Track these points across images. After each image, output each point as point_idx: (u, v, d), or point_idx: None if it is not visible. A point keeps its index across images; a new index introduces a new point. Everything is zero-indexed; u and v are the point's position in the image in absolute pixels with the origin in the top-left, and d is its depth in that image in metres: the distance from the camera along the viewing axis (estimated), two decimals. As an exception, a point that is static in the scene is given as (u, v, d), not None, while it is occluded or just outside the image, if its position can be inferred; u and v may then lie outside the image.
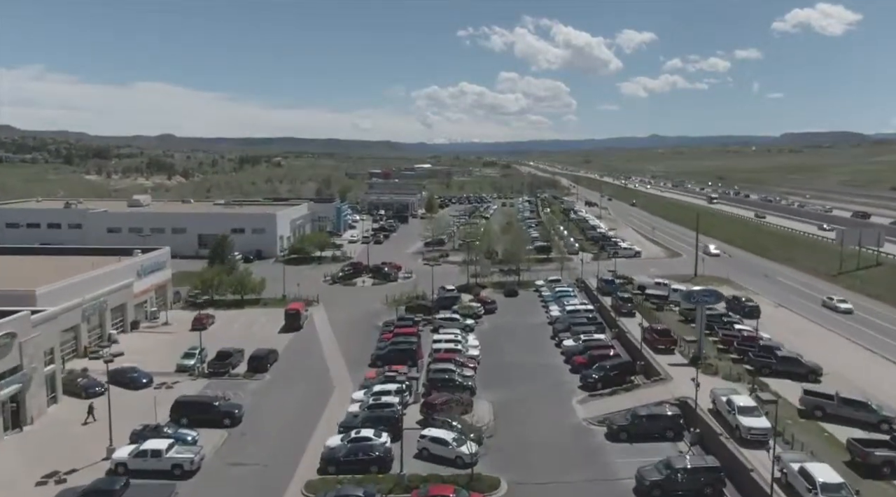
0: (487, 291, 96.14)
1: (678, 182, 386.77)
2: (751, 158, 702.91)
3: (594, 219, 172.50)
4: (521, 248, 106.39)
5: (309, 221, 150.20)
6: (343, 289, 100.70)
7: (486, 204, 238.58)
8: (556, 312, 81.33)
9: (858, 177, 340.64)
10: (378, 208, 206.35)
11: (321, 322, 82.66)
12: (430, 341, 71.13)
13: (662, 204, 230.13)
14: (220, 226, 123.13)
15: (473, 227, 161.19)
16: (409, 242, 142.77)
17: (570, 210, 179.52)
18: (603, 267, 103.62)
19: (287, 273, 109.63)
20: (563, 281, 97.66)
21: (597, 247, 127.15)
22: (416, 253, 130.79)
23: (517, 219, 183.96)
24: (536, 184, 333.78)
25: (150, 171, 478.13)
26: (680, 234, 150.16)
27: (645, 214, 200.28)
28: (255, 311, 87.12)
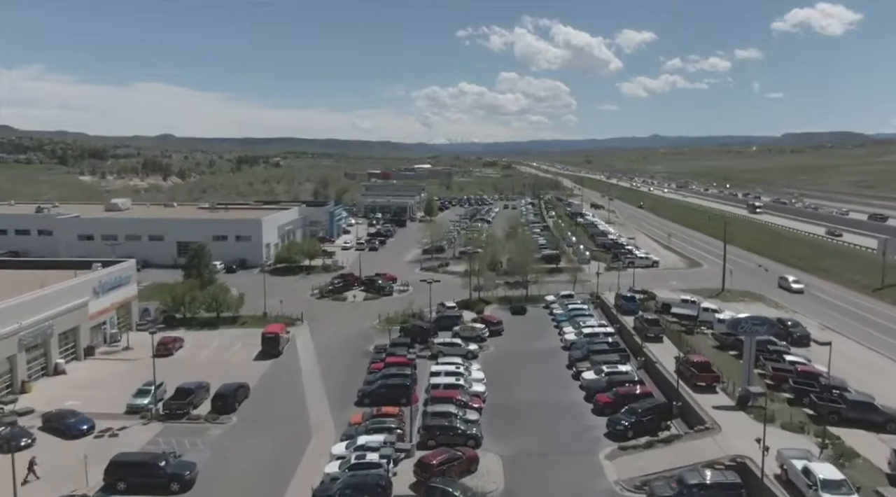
0: (492, 308, 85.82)
1: (682, 183, 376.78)
2: (752, 158, 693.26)
3: (603, 223, 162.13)
4: (529, 258, 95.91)
5: (300, 227, 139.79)
6: (332, 304, 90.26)
7: (488, 206, 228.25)
8: (572, 335, 70.88)
9: (869, 177, 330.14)
10: (375, 211, 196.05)
11: (304, 346, 72.27)
12: (428, 371, 60.96)
13: (672, 206, 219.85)
14: (201, 233, 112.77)
15: (475, 231, 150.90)
16: (407, 249, 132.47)
17: (578, 214, 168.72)
18: (618, 279, 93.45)
19: (272, 285, 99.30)
20: (576, 296, 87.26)
21: (609, 255, 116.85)
22: (414, 262, 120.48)
23: (521, 223, 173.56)
24: (539, 185, 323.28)
25: (146, 171, 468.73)
26: (698, 241, 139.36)
27: (655, 218, 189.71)
28: (230, 333, 76.71)
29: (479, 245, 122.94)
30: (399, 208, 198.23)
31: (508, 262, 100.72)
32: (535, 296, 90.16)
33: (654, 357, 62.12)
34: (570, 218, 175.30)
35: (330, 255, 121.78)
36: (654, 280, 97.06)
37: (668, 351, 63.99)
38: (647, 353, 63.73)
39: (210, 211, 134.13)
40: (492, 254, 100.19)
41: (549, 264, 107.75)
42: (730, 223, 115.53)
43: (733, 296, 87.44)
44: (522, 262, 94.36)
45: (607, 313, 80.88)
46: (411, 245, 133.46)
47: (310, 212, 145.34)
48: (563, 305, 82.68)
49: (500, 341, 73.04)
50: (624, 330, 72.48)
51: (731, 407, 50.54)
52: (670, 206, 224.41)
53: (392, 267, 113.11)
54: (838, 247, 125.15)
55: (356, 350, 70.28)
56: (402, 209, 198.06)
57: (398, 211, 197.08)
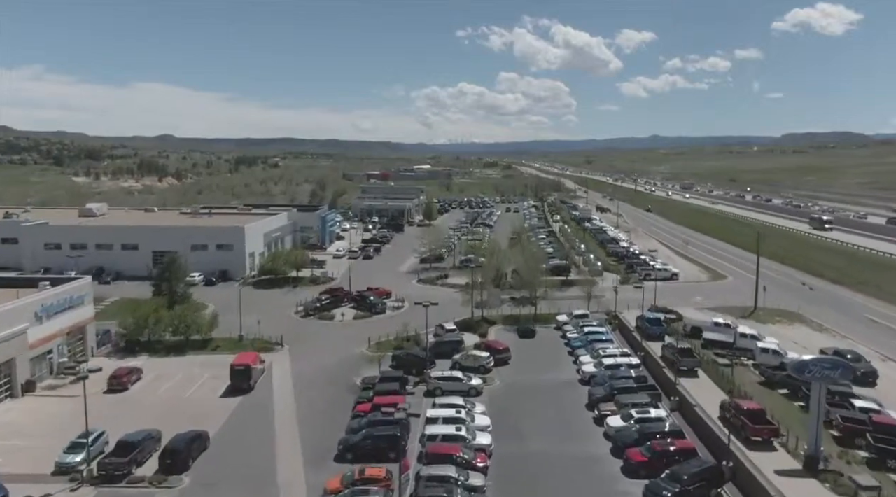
0: (496, 330, 75.84)
1: (687, 184, 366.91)
2: (754, 159, 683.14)
3: (612, 229, 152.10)
4: (537, 272, 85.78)
5: (289, 233, 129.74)
6: (317, 324, 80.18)
7: (489, 209, 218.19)
8: (590, 366, 60.87)
9: (879, 178, 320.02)
10: (371, 215, 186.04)
11: (281, 378, 62.26)
12: (423, 411, 51.01)
13: (682, 210, 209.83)
14: (179, 241, 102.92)
15: (476, 236, 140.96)
16: (404, 257, 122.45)
17: (586, 219, 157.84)
18: (636, 294, 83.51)
19: (253, 300, 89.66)
20: (591, 316, 77.22)
21: (623, 265, 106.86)
22: (411, 272, 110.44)
23: (524, 228, 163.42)
24: (541, 186, 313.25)
25: (141, 172, 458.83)
26: (718, 250, 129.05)
27: (665, 222, 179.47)
28: (199, 360, 66.69)
29: (480, 253, 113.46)
30: (396, 212, 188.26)
31: (514, 276, 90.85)
32: (545, 315, 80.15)
33: (692, 398, 52.05)
34: (577, 223, 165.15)
35: (320, 264, 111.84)
36: (676, 296, 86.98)
37: (706, 389, 54.01)
38: (681, 391, 53.70)
39: (192, 216, 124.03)
40: (495, 266, 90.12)
41: (558, 276, 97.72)
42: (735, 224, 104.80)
43: (768, 315, 77.31)
44: (530, 276, 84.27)
45: (628, 338, 70.83)
46: (408, 253, 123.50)
47: (300, 217, 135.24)
48: (578, 327, 72.66)
49: (507, 372, 63.02)
50: (650, 360, 62.46)
51: (797, 471, 40.55)
52: (680, 209, 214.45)
53: (386, 278, 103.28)
54: (871, 256, 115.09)
55: (341, 383, 60.32)
56: (400, 213, 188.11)
57: (395, 214, 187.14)
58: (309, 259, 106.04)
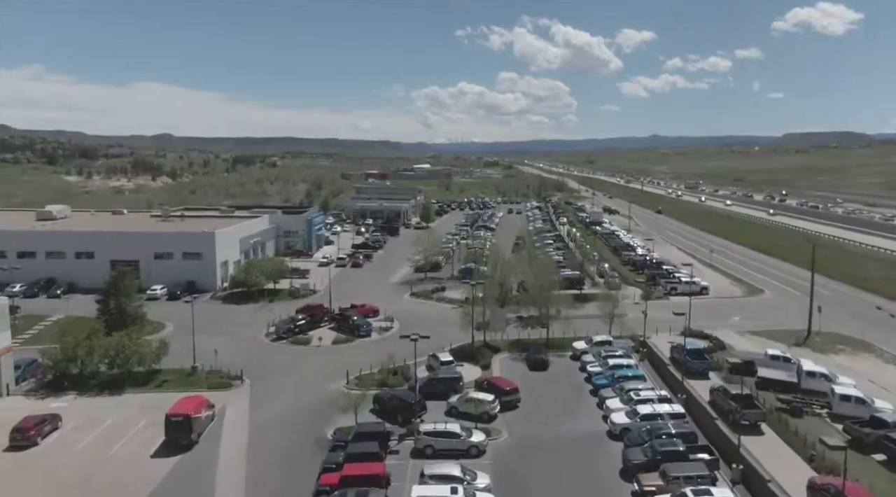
0: (502, 359, 63.04)
1: (692, 184, 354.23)
2: (757, 158, 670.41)
3: (623, 232, 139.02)
4: (549, 285, 72.37)
5: (271, 238, 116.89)
6: (289, 351, 67.25)
7: (490, 210, 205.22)
8: (621, 414, 47.95)
9: (893, 178, 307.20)
10: (365, 217, 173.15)
11: (234, 428, 49.36)
12: (407, 487, 38.29)
13: (695, 212, 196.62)
14: (140, 249, 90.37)
15: (477, 242, 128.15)
16: (397, 265, 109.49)
17: (597, 222, 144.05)
18: (662, 312, 70.72)
19: (220, 318, 77.36)
20: (614, 342, 64.30)
21: (643, 277, 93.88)
22: (403, 283, 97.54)
23: (529, 231, 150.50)
24: (543, 186, 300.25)
25: (135, 171, 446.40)
26: (746, 258, 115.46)
27: (680, 226, 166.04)
28: (138, 401, 53.92)
29: (482, 261, 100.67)
30: (392, 213, 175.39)
31: (521, 290, 77.99)
32: (559, 340, 67.23)
33: (763, 469, 39.11)
34: (585, 226, 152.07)
35: (303, 274, 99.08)
36: (709, 315, 73.91)
37: (777, 454, 41.15)
38: (746, 457, 40.79)
39: (162, 220, 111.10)
40: (499, 279, 77.13)
41: (571, 291, 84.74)
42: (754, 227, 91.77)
43: (827, 343, 64.29)
44: (540, 291, 71.08)
45: (662, 373, 57.86)
46: (402, 259, 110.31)
47: (284, 220, 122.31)
48: (600, 357, 59.78)
49: (516, 419, 50.14)
50: (695, 405, 49.52)
51: None
52: (692, 211, 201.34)
53: (375, 291, 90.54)
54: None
55: (308, 436, 47.47)
56: (396, 214, 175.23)
57: (391, 216, 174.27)
58: (288, 268, 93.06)
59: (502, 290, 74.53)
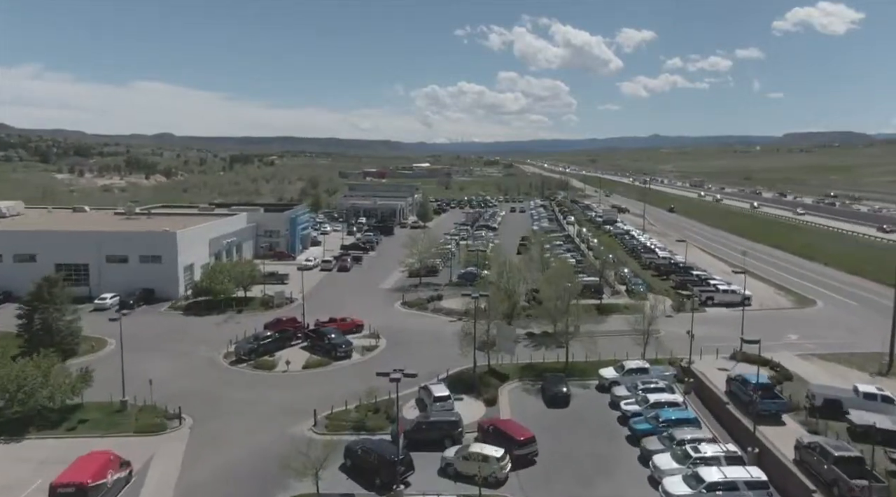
0: (511, 390, 50.16)
1: (697, 182, 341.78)
2: (760, 158, 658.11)
3: (638, 232, 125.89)
4: (567, 295, 58.78)
5: (249, 238, 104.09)
6: (249, 378, 54.26)
7: (492, 209, 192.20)
8: (678, 483, 34.64)
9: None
10: (358, 215, 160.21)
11: (155, 495, 36.54)
12: None
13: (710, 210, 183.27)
14: (90, 251, 77.45)
15: (479, 243, 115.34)
16: (389, 269, 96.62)
17: (611, 222, 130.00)
18: (700, 328, 57.84)
19: (175, 334, 64.56)
20: (650, 368, 51.33)
21: (671, 284, 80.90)
22: (395, 290, 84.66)
23: (534, 231, 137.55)
24: (547, 184, 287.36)
25: (129, 169, 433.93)
26: (784, 262, 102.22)
27: (698, 225, 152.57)
28: (40, 452, 41.03)
29: (483, 263, 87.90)
30: (387, 212, 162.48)
31: (533, 301, 65.08)
32: (580, 364, 54.30)
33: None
34: (596, 226, 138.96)
35: (281, 279, 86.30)
36: (758, 331, 60.59)
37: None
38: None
39: (126, 218, 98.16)
40: (506, 286, 64.08)
41: (588, 300, 71.61)
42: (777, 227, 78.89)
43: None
44: (558, 303, 57.75)
45: (718, 413, 44.75)
46: (396, 262, 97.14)
47: (265, 218, 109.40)
48: (635, 390, 46.85)
49: (532, 482, 37.22)
50: (774, 465, 36.49)
51: None
52: (707, 209, 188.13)
53: (362, 300, 77.84)
54: None
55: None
56: (391, 213, 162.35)
57: (386, 215, 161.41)
58: (261, 273, 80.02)
59: (510, 302, 61.43)
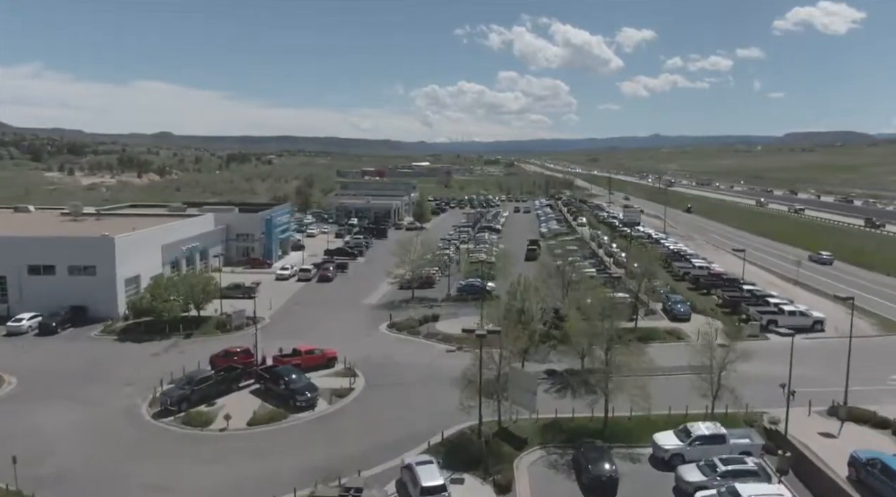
0: (532, 463, 35.38)
1: (705, 181, 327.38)
2: (762, 157, 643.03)
3: (661, 235, 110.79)
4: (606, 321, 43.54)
5: (219, 243, 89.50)
6: (171, 442, 39.35)
7: (495, 209, 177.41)
8: None
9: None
10: (350, 216, 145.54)
11: None
12: None
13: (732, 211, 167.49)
14: (7, 260, 62.77)
15: (482, 247, 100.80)
16: (378, 279, 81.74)
17: (632, 224, 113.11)
18: (761, 364, 43.04)
19: (97, 368, 49.98)
20: (729, 437, 36.43)
21: (715, 301, 66.06)
22: (382, 306, 69.99)
23: (544, 234, 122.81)
24: (551, 183, 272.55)
25: (121, 168, 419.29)
26: (842, 274, 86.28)
27: (723, 228, 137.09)
28: None
29: (487, 272, 73.14)
30: (382, 212, 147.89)
31: (555, 327, 50.35)
32: (623, 422, 39.42)
33: None
34: (610, 227, 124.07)
35: (248, 292, 71.78)
36: (841, 366, 45.94)
37: None
38: None
39: (72, 220, 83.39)
40: (521, 310, 49.01)
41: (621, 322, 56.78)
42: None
43: None
44: (594, 331, 42.71)
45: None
46: (387, 270, 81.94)
47: (236, 220, 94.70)
48: (712, 472, 32.08)
49: None
50: None
51: None
52: (727, 209, 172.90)
53: (342, 320, 63.43)
54: None
55: None
56: (386, 213, 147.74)
57: (381, 215, 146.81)
58: (218, 286, 65.11)
59: (527, 332, 46.29)
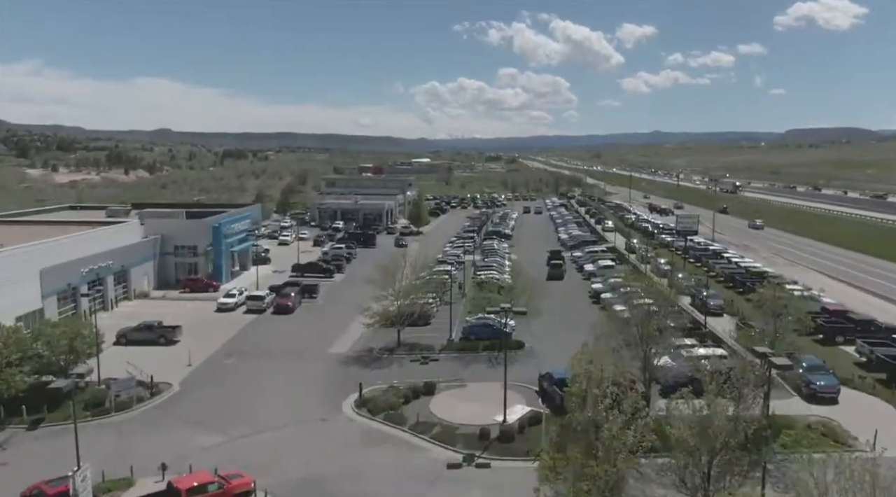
0: None
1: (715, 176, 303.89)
2: (767, 154, 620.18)
3: (722, 247, 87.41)
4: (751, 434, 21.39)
5: (148, 260, 66.83)
6: None
7: (502, 209, 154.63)
8: None
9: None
10: (335, 219, 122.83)
11: None
12: None
13: (789, 214, 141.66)
14: None
15: (491, 261, 78.33)
16: (355, 308, 57.96)
17: (688, 232, 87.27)
18: None
19: None
20: None
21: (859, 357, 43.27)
22: (351, 359, 47.40)
23: (564, 241, 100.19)
24: (559, 181, 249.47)
25: (109, 164, 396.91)
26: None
27: (781, 234, 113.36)
28: None
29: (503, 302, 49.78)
30: (372, 214, 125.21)
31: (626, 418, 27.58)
32: None
33: None
34: (648, 235, 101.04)
35: (165, 336, 49.33)
36: None
37: None
38: None
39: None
40: (591, 427, 26.35)
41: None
42: None
43: None
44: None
45: None
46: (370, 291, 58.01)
47: (175, 229, 71.83)
48: None
49: None
50: None
51: None
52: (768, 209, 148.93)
53: (292, 385, 40.97)
54: None
55: None
56: (377, 215, 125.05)
57: (371, 217, 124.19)
58: (91, 334, 41.87)
59: (608, 469, 23.44)
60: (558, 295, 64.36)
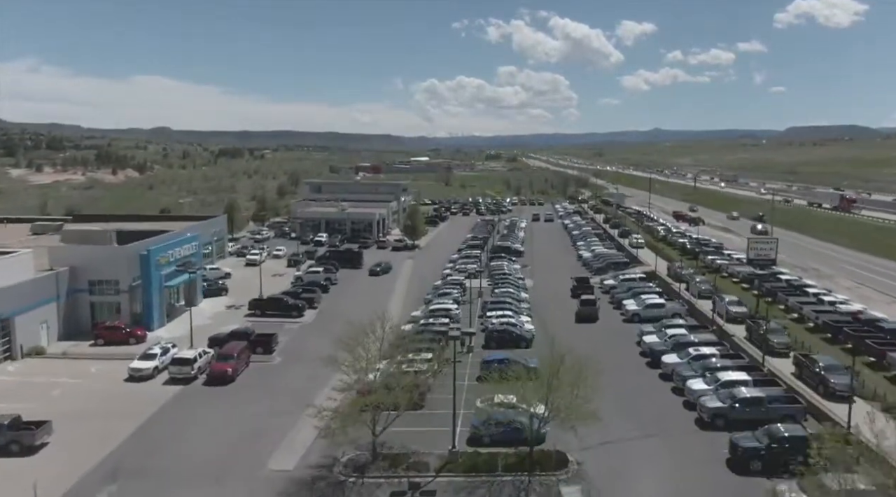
0: None
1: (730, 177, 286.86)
2: (769, 151, 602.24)
3: (793, 275, 69.16)
4: None
5: (50, 301, 49.22)
6: None
7: (508, 216, 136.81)
8: None
9: None
10: (317, 230, 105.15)
11: None
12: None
13: (847, 224, 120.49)
14: None
15: (503, 295, 61.15)
16: (322, 376, 40.21)
17: (766, 261, 65.16)
18: None
19: None
20: None
21: None
22: (300, 484, 29.85)
23: (587, 261, 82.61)
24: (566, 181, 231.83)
25: (98, 164, 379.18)
26: None
27: (838, 248, 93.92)
28: None
29: (524, 388, 31.60)
30: (362, 223, 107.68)
31: None
32: None
33: None
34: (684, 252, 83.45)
35: (21, 441, 31.66)
36: None
37: None
38: None
39: None
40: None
41: None
42: None
43: None
44: None
45: None
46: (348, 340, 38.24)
47: (90, 259, 54.04)
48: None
49: None
50: None
51: None
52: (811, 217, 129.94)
53: None
54: None
55: None
56: (367, 225, 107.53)
57: (360, 228, 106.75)
58: None
59: None
60: (596, 347, 46.03)
